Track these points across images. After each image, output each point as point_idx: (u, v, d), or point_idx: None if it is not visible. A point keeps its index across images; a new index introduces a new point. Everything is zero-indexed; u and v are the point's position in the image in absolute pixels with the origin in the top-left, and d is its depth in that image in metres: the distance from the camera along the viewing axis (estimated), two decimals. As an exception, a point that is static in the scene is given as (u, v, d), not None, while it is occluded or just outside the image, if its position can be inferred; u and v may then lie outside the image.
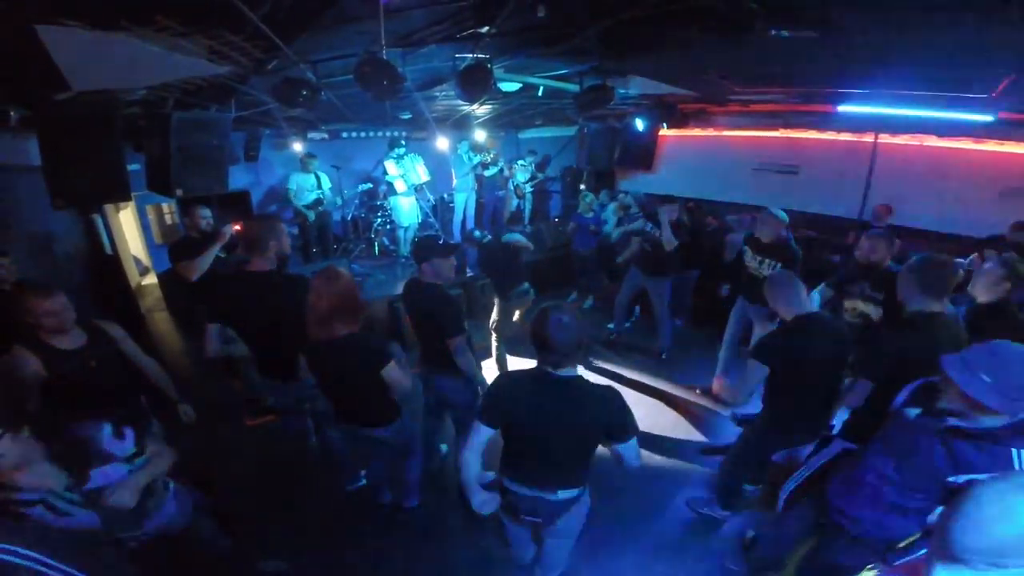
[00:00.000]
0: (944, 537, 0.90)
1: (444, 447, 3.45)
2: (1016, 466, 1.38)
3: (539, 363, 1.71)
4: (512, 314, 4.22)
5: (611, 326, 5.30)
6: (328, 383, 2.36)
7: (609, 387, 1.73)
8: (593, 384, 1.72)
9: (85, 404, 2.06)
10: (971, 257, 3.65)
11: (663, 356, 4.85)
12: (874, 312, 3.08)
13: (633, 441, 1.73)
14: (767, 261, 3.70)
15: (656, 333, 4.89)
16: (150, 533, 1.81)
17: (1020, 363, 1.35)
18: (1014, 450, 1.38)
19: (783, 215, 3.67)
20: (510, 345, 4.32)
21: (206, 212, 3.87)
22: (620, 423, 1.71)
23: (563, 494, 1.82)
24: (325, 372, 2.30)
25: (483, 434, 1.78)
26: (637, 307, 5.58)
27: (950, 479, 1.47)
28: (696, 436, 3.78)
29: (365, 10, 2.22)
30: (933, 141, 4.83)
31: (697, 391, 4.31)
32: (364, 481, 3.16)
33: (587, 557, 2.51)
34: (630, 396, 3.95)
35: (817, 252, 5.06)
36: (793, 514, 2.16)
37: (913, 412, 1.65)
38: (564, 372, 1.68)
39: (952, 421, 1.47)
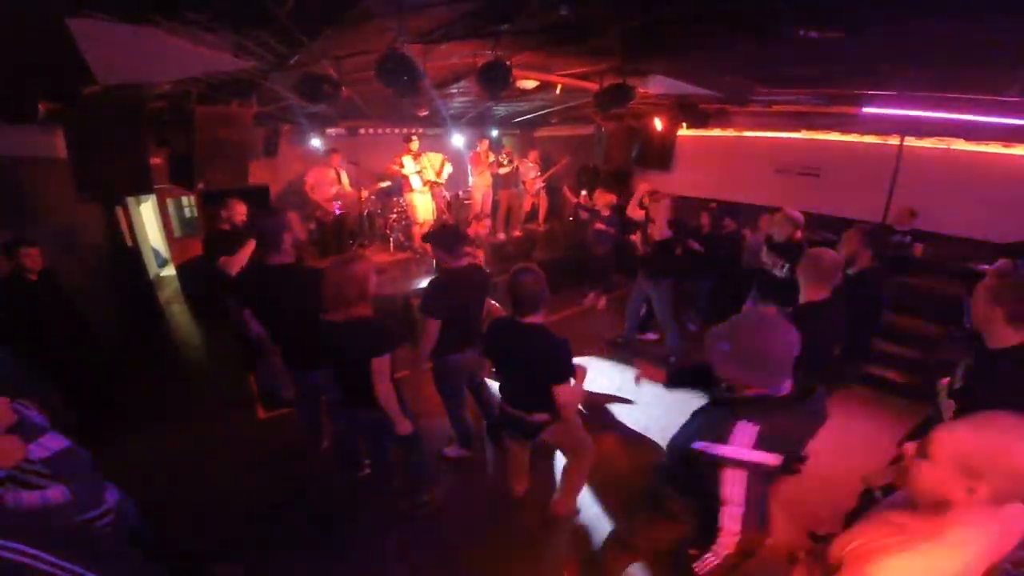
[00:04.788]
0: None
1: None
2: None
3: (511, 312, 2.23)
4: None
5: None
6: (335, 362, 2.44)
7: (561, 339, 2.17)
8: (548, 331, 2.19)
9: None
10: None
11: (672, 359, 4.61)
12: None
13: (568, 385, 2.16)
14: (777, 261, 3.69)
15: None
16: (112, 510, 1.72)
17: None
18: None
19: (798, 216, 3.63)
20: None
21: (243, 208, 3.89)
22: (555, 367, 2.17)
23: (538, 416, 2.33)
24: (332, 350, 2.38)
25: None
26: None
27: None
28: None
29: (387, 7, 2.23)
30: (960, 145, 4.73)
31: None
32: (368, 470, 3.18)
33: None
34: (645, 396, 4.02)
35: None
36: None
37: None
38: (528, 320, 2.18)
39: None
